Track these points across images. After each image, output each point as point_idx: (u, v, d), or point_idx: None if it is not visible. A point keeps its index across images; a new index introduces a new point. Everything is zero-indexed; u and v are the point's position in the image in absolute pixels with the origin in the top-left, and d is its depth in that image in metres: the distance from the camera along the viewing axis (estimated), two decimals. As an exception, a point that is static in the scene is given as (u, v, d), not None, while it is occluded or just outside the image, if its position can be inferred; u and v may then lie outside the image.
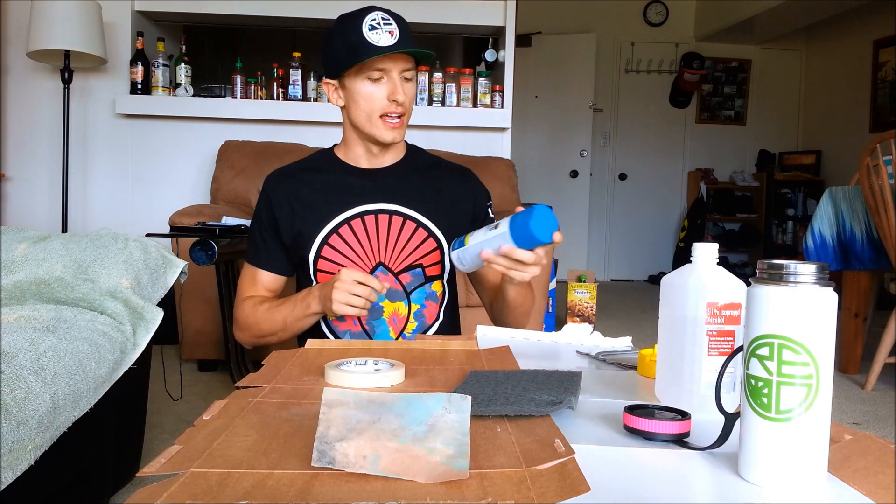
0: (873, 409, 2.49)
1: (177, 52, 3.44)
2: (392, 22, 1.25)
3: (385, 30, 1.23)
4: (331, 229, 1.31)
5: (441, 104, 3.41)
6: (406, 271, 1.32)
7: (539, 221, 1.04)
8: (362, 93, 1.27)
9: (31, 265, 1.34)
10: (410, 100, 1.30)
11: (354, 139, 1.35)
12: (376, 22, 1.23)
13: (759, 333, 0.57)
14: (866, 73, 5.51)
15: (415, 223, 1.33)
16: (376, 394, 0.61)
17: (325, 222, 1.31)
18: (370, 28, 1.23)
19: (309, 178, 1.36)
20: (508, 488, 0.52)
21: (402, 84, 1.27)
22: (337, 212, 1.32)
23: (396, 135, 1.30)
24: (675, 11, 6.26)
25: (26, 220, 3.33)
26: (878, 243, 2.71)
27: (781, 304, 0.56)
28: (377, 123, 1.29)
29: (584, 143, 6.13)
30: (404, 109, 1.29)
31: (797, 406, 0.55)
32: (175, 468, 0.56)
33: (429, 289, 1.35)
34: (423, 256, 1.33)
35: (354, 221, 1.31)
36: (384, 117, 1.28)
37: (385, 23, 1.24)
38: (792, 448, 0.56)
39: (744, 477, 0.58)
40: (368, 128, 1.30)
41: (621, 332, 2.33)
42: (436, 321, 1.37)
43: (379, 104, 1.27)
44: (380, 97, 1.27)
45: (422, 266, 1.33)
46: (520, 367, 0.92)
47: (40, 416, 0.96)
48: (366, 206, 1.32)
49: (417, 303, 1.34)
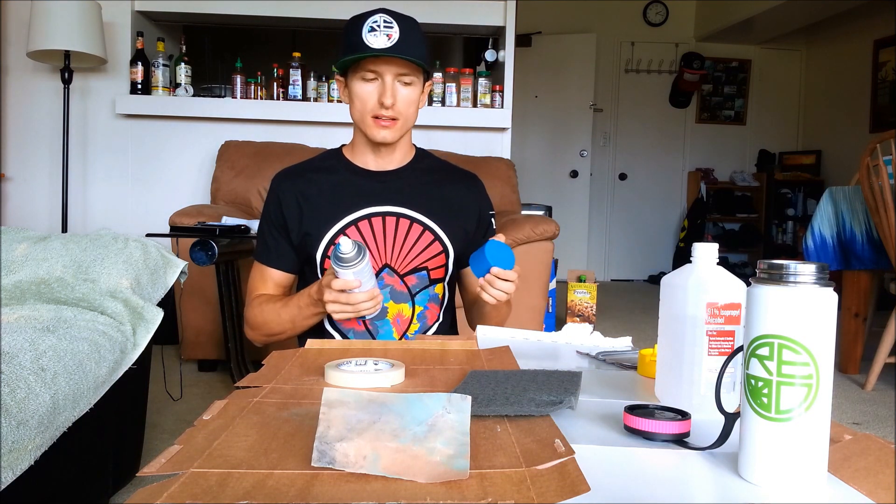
0: (873, 409, 2.49)
1: (177, 52, 3.44)
2: (394, 25, 1.25)
3: (384, 32, 1.24)
4: (338, 230, 1.32)
5: (441, 104, 3.41)
6: (411, 273, 1.33)
7: (493, 252, 1.17)
8: (357, 92, 1.29)
9: (32, 265, 1.34)
10: (406, 105, 1.30)
11: (360, 139, 1.37)
12: (377, 24, 1.24)
13: (759, 333, 0.57)
14: (866, 73, 5.51)
15: (421, 226, 1.34)
16: (376, 394, 0.61)
17: (333, 223, 1.32)
18: (369, 29, 1.24)
19: (317, 179, 1.37)
20: (508, 488, 0.52)
21: (394, 88, 1.27)
22: (344, 213, 1.33)
23: (386, 135, 1.30)
24: (675, 11, 6.26)
25: (26, 220, 3.33)
26: (878, 243, 2.71)
27: (781, 304, 0.56)
28: (368, 122, 1.30)
29: (584, 143, 6.13)
30: (396, 113, 1.29)
31: (797, 406, 0.55)
32: (175, 468, 0.56)
33: (432, 291, 1.36)
34: (429, 259, 1.34)
35: (362, 223, 1.32)
36: (375, 118, 1.30)
37: (386, 25, 1.25)
38: (792, 448, 0.56)
39: (744, 477, 0.58)
40: (362, 126, 1.32)
41: (621, 332, 2.33)
42: (436, 322, 1.38)
43: (370, 105, 1.29)
44: (371, 98, 1.28)
45: (427, 269, 1.34)
46: (520, 367, 0.92)
47: (40, 416, 0.96)
48: (373, 207, 1.33)
49: (421, 304, 1.35)
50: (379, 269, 1.32)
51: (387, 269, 1.32)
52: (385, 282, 1.32)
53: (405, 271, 1.33)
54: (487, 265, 1.16)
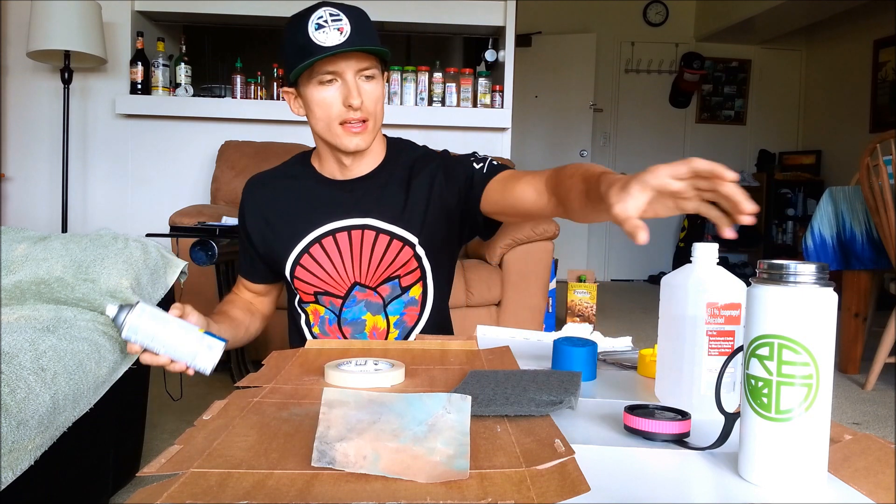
0: (873, 409, 2.49)
1: (177, 52, 3.44)
2: (342, 17, 1.12)
3: (333, 27, 1.11)
4: (303, 248, 1.26)
5: (441, 104, 3.41)
6: (383, 283, 1.27)
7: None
8: (316, 99, 1.16)
9: (31, 265, 1.34)
10: (374, 101, 1.18)
11: (325, 150, 1.26)
12: (323, 19, 1.12)
13: (759, 333, 0.57)
14: (866, 73, 5.51)
15: (388, 236, 1.24)
16: (376, 394, 0.61)
17: (297, 240, 1.26)
18: (316, 27, 1.11)
19: (283, 187, 1.30)
20: (508, 488, 0.52)
21: (358, 86, 1.15)
22: (308, 229, 1.25)
23: (360, 141, 1.19)
24: (675, 11, 6.25)
25: (26, 220, 3.32)
26: (878, 243, 2.71)
27: (782, 303, 0.56)
28: (337, 131, 1.18)
29: (584, 143, 6.13)
30: (367, 113, 1.17)
31: (797, 406, 0.55)
32: (175, 468, 0.56)
33: (407, 297, 1.28)
34: (399, 268, 1.26)
35: (326, 240, 1.25)
36: (344, 124, 1.17)
37: (334, 19, 1.12)
38: (792, 448, 0.56)
39: (743, 477, 0.59)
40: (330, 137, 1.19)
41: (621, 332, 2.33)
42: (418, 321, 1.30)
43: (335, 110, 1.16)
44: (335, 103, 1.15)
45: (398, 276, 1.26)
46: (520, 367, 0.92)
47: (40, 416, 0.96)
48: (337, 222, 1.25)
49: (395, 314, 1.28)
50: (349, 288, 1.26)
51: (357, 286, 1.26)
52: (358, 298, 1.26)
53: (376, 284, 1.26)
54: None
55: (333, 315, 1.28)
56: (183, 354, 0.96)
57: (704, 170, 0.68)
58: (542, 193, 1.08)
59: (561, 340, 0.97)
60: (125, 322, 0.95)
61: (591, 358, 0.94)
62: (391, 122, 3.31)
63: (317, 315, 1.30)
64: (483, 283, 2.59)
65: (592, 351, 0.94)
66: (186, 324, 0.98)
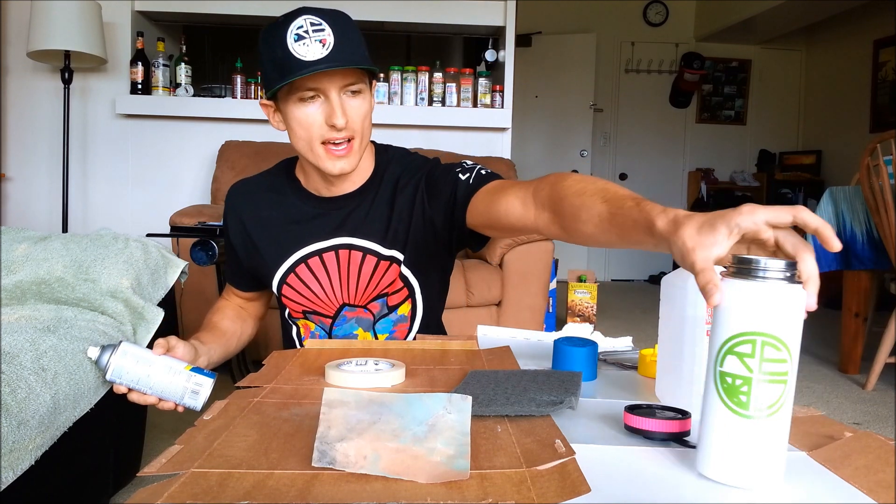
0: (873, 409, 2.49)
1: (177, 52, 3.44)
2: (324, 27, 1.02)
3: (315, 38, 1.02)
4: (288, 268, 1.22)
5: (441, 104, 3.41)
6: (373, 301, 1.22)
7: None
8: (296, 117, 1.07)
9: (32, 265, 1.34)
10: (361, 118, 1.09)
11: (308, 166, 1.18)
12: (303, 30, 1.02)
13: (740, 330, 0.56)
14: (866, 73, 5.51)
15: (375, 256, 1.19)
16: (377, 394, 0.61)
17: (282, 260, 1.22)
18: (296, 38, 1.01)
19: (267, 202, 1.24)
20: (509, 489, 0.52)
21: (343, 103, 1.06)
22: (293, 249, 1.21)
23: (345, 164, 1.10)
24: (675, 11, 6.25)
25: (26, 220, 3.33)
26: (879, 243, 2.71)
27: (766, 300, 0.55)
28: (319, 152, 1.09)
29: (584, 143, 6.13)
30: (352, 132, 1.08)
31: (774, 403, 0.55)
32: (175, 468, 0.56)
33: (395, 315, 1.24)
34: (386, 287, 1.21)
35: (312, 260, 1.20)
36: (326, 145, 1.08)
37: (315, 29, 1.02)
38: (765, 445, 0.56)
39: (705, 474, 0.58)
40: (312, 158, 1.11)
41: (621, 332, 2.33)
42: (409, 333, 1.27)
43: (317, 130, 1.07)
44: (317, 122, 1.07)
45: (386, 294, 1.22)
46: (520, 367, 0.92)
47: (41, 416, 0.96)
48: (323, 242, 1.20)
49: (384, 332, 1.24)
50: (337, 310, 1.23)
51: (346, 306, 1.23)
52: (347, 317, 1.24)
53: (365, 302, 1.22)
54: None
55: (324, 332, 1.26)
56: (171, 395, 0.96)
57: (811, 226, 0.56)
58: (528, 206, 0.96)
59: (561, 340, 0.97)
60: (109, 364, 0.94)
61: (591, 358, 0.94)
62: (391, 123, 3.31)
63: (307, 329, 1.28)
64: (483, 283, 2.59)
65: (593, 351, 0.95)
66: (173, 361, 0.96)
